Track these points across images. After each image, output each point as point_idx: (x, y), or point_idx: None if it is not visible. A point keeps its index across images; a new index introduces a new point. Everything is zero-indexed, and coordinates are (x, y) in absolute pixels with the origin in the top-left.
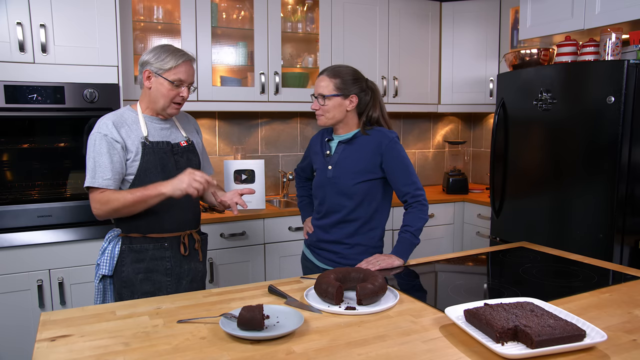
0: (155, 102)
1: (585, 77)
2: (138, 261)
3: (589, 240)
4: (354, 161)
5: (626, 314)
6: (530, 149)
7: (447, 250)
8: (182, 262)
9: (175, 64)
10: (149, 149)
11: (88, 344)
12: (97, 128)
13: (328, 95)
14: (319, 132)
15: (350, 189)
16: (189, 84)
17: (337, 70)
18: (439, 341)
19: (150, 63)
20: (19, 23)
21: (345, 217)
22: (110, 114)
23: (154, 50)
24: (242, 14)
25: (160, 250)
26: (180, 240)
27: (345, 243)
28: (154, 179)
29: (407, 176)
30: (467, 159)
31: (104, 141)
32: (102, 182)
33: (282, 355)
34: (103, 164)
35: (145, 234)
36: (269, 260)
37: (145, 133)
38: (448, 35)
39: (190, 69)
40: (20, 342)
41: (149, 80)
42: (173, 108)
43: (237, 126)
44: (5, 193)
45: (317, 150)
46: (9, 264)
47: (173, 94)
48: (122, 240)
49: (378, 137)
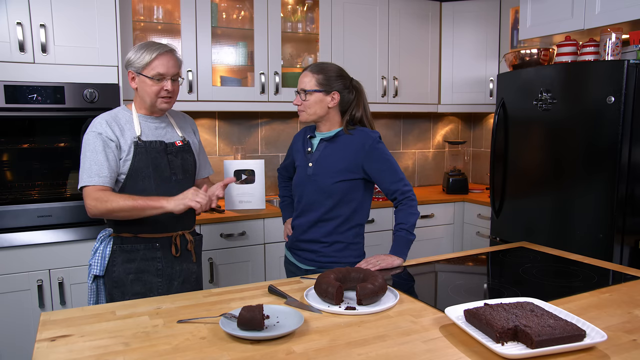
0: (144, 101)
1: (585, 77)
2: (129, 261)
3: (589, 240)
4: (335, 160)
5: (626, 314)
6: (530, 149)
7: (447, 250)
8: (174, 263)
9: (150, 59)
10: (142, 148)
11: (88, 344)
12: (92, 127)
13: (309, 90)
14: (302, 130)
15: (330, 187)
16: (171, 77)
17: (320, 67)
18: (439, 341)
19: (131, 63)
20: (19, 23)
21: (323, 215)
22: (104, 114)
23: (134, 49)
24: (242, 14)
25: (151, 251)
26: (171, 241)
27: (323, 242)
28: (146, 178)
29: (394, 174)
30: (467, 159)
31: (99, 139)
32: (98, 179)
33: (282, 355)
34: (100, 162)
35: (137, 234)
36: (269, 260)
37: (138, 132)
38: (448, 35)
39: (169, 61)
40: (20, 342)
41: (134, 80)
42: (162, 103)
43: (237, 126)
44: (5, 193)
45: (298, 148)
46: (9, 264)
47: (156, 89)
48: (113, 240)
49: (361, 137)
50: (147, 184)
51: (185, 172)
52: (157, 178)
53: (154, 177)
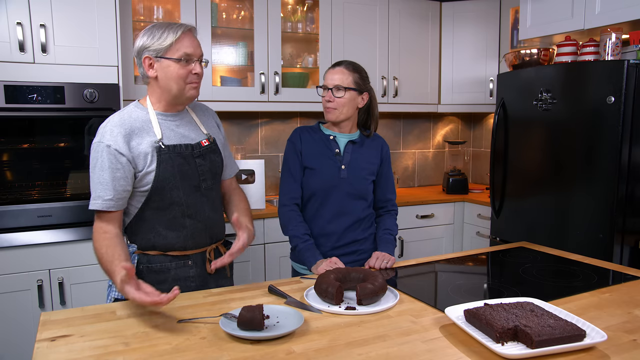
0: (168, 91)
1: (585, 77)
2: (159, 282)
3: (589, 240)
4: (364, 162)
5: (626, 314)
6: (530, 149)
7: (447, 250)
8: (209, 281)
9: (175, 38)
10: (165, 154)
11: (88, 344)
12: (101, 136)
13: (347, 88)
14: (302, 131)
15: (365, 188)
16: (198, 58)
17: (354, 65)
18: (439, 341)
19: (147, 47)
20: (19, 23)
21: (358, 217)
22: (116, 117)
23: (147, 32)
24: (242, 14)
25: (184, 269)
26: (205, 256)
27: (361, 239)
28: (174, 189)
29: (393, 184)
30: (467, 159)
31: (106, 153)
32: (102, 203)
33: (282, 355)
34: (105, 182)
35: (166, 252)
36: (269, 260)
37: (159, 135)
38: (448, 35)
39: (194, 40)
40: (20, 342)
41: (152, 67)
42: (191, 89)
43: (237, 126)
44: (5, 193)
45: (313, 150)
46: (9, 264)
47: (185, 73)
48: (139, 259)
49: (379, 141)
50: (176, 195)
51: (214, 176)
52: (186, 188)
53: (182, 187)
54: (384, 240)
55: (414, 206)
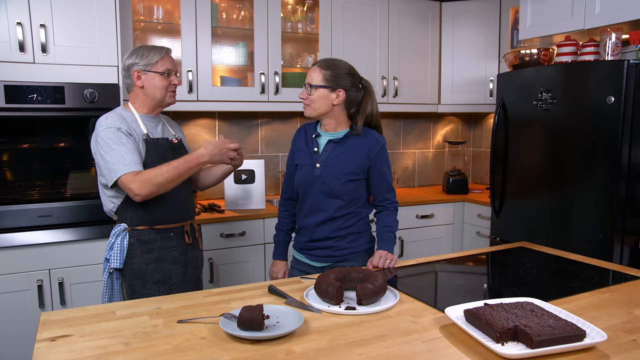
0: (152, 97)
1: (585, 77)
2: (148, 252)
3: (589, 240)
4: (343, 162)
5: (626, 314)
6: (530, 149)
7: (447, 250)
8: (187, 251)
9: (160, 57)
10: (151, 145)
11: (88, 344)
12: (107, 124)
13: (315, 86)
14: (302, 128)
15: (337, 188)
16: (175, 72)
17: (330, 63)
18: (439, 341)
19: (136, 63)
20: (19, 23)
21: (332, 214)
22: (111, 113)
23: (135, 53)
24: (242, 14)
25: (167, 240)
26: (183, 229)
27: (335, 236)
28: None
29: (390, 183)
30: (467, 159)
31: (121, 132)
32: (134, 166)
33: (282, 355)
34: (131, 150)
35: (152, 226)
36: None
37: (145, 130)
38: (448, 36)
39: (172, 59)
40: (20, 342)
41: (140, 79)
42: (170, 97)
43: (237, 126)
44: (5, 193)
45: (300, 146)
46: (9, 264)
47: (166, 84)
48: (129, 234)
49: (369, 141)
50: None
51: None
52: None
53: None
54: (384, 238)
55: (414, 206)
